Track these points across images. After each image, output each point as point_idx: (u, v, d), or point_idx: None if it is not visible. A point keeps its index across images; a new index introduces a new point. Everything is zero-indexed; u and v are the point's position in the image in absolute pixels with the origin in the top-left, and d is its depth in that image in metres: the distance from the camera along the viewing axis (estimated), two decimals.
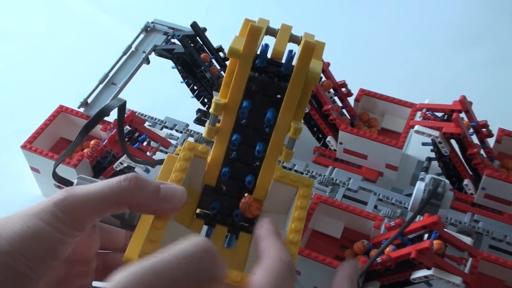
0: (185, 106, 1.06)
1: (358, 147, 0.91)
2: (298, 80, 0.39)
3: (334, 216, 0.81)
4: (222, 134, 0.41)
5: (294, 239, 0.37)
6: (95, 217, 0.35)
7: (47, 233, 0.33)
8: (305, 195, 0.40)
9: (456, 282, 0.66)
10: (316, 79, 0.39)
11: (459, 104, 0.83)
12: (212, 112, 0.40)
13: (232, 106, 0.40)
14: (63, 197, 0.34)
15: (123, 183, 0.35)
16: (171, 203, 0.36)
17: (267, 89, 0.40)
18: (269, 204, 0.42)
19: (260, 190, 0.42)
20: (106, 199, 0.34)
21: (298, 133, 0.40)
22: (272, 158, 0.41)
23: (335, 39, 1.27)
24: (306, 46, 0.38)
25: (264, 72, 0.40)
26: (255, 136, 0.41)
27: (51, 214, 0.33)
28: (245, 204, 0.41)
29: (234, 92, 0.40)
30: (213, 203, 0.42)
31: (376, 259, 0.70)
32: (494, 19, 1.29)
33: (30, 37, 1.30)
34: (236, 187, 0.42)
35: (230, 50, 0.39)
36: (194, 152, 0.41)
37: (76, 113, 0.95)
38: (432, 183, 0.71)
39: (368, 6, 1.36)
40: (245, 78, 0.40)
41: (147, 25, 1.05)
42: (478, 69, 1.19)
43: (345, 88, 0.95)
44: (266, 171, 0.41)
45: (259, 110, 0.41)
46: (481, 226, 0.83)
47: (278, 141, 0.40)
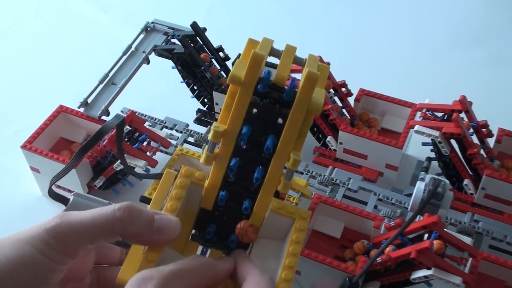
0: (185, 106, 1.06)
1: (358, 147, 0.91)
2: (299, 111, 0.38)
3: (334, 216, 0.81)
4: (220, 160, 0.40)
5: (287, 277, 0.37)
6: (87, 245, 0.35)
7: (38, 260, 0.33)
8: (301, 229, 0.40)
9: (456, 282, 0.66)
10: (318, 109, 0.38)
11: (459, 104, 0.83)
12: (210, 139, 0.39)
13: (231, 132, 0.40)
14: (56, 224, 0.33)
15: (117, 212, 0.34)
16: (165, 235, 0.36)
17: (268, 115, 0.39)
18: (265, 231, 0.41)
19: (257, 217, 0.41)
20: (99, 228, 0.34)
21: (297, 164, 0.39)
22: (270, 187, 0.40)
23: (335, 39, 1.27)
24: (309, 77, 0.37)
25: (265, 98, 0.39)
26: (254, 161, 0.40)
27: (43, 242, 0.33)
28: (241, 230, 0.41)
29: (234, 118, 0.39)
30: (209, 227, 0.41)
31: (376, 259, 0.70)
32: (494, 19, 1.29)
33: (30, 37, 1.30)
34: (233, 211, 0.41)
35: (231, 77, 0.38)
36: (191, 179, 0.40)
37: (76, 113, 0.95)
38: (432, 183, 0.71)
39: (368, 6, 1.36)
40: (245, 105, 0.39)
41: (147, 25, 1.05)
42: (478, 69, 1.19)
43: (345, 88, 0.95)
44: (264, 199, 0.41)
45: (259, 135, 0.40)
46: (481, 226, 0.83)
47: (277, 170, 0.40)
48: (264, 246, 0.41)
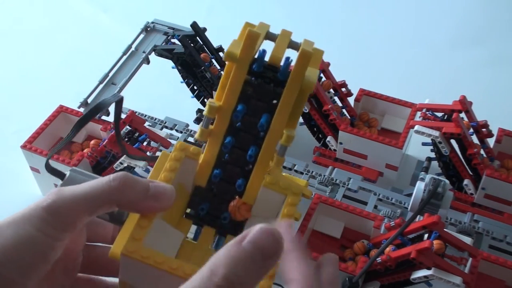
0: (185, 106, 1.06)
1: (358, 147, 0.91)
2: (293, 87, 0.39)
3: (334, 216, 0.81)
4: (215, 136, 0.41)
5: None
6: (85, 218, 0.35)
7: (38, 239, 0.33)
8: (293, 203, 0.40)
9: (456, 282, 0.66)
10: (311, 87, 0.39)
11: (459, 104, 0.83)
12: (205, 114, 0.40)
13: (226, 109, 0.40)
14: (52, 201, 0.33)
15: (113, 182, 0.34)
16: (160, 202, 0.36)
17: (262, 94, 0.40)
18: (258, 208, 0.42)
19: (250, 195, 0.41)
20: (95, 199, 0.34)
21: (290, 140, 0.40)
22: (263, 164, 0.41)
23: (335, 39, 1.27)
24: (303, 54, 0.38)
25: (260, 77, 0.40)
26: (249, 140, 0.41)
27: (41, 220, 0.33)
28: (234, 207, 0.41)
29: (229, 95, 0.40)
30: (202, 204, 0.42)
31: (376, 259, 0.70)
32: (494, 19, 1.29)
33: (30, 37, 1.30)
34: (226, 189, 0.42)
35: (227, 53, 0.39)
36: (185, 153, 0.41)
37: (76, 113, 0.95)
38: (432, 183, 0.71)
39: (368, 6, 1.36)
40: (240, 82, 0.40)
41: (147, 25, 1.05)
42: (478, 69, 1.19)
43: (345, 88, 0.95)
44: (257, 176, 0.41)
45: (253, 114, 0.41)
46: (481, 226, 0.83)
47: (270, 147, 0.40)
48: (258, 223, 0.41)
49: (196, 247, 0.41)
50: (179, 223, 0.41)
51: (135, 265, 0.35)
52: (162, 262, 0.34)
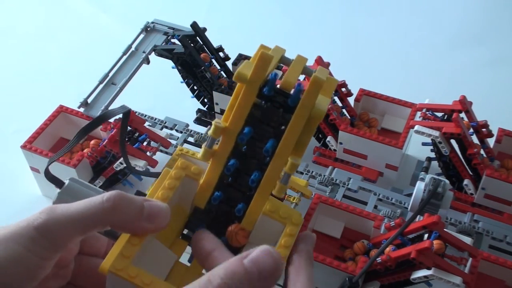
0: (185, 106, 1.06)
1: (358, 147, 0.91)
2: (301, 114, 0.38)
3: (334, 216, 0.81)
4: (218, 157, 0.40)
5: None
6: (77, 238, 0.34)
7: (27, 259, 0.32)
8: (291, 234, 0.39)
9: (456, 282, 0.66)
10: (321, 116, 0.38)
11: (459, 104, 0.83)
12: (210, 134, 0.39)
13: (232, 130, 0.39)
14: (44, 220, 0.33)
15: (106, 203, 0.34)
16: (155, 223, 0.35)
17: (271, 119, 0.39)
18: (255, 236, 0.41)
19: (249, 220, 0.40)
20: (88, 220, 0.33)
21: (294, 168, 0.39)
22: (265, 190, 0.40)
23: (335, 39, 1.27)
24: (314, 81, 0.37)
25: (270, 101, 0.39)
26: (253, 165, 0.40)
27: (31, 240, 0.33)
28: (232, 232, 0.40)
29: (236, 117, 0.39)
30: (199, 226, 0.40)
31: (376, 259, 0.70)
32: (494, 19, 1.29)
33: (30, 37, 1.30)
34: (225, 213, 0.41)
35: (237, 74, 0.38)
36: (186, 172, 0.40)
37: (76, 113, 0.95)
38: (432, 183, 0.71)
39: (368, 6, 1.36)
40: (249, 105, 0.39)
41: (147, 25, 1.05)
42: (478, 69, 1.19)
43: (345, 88, 0.95)
44: (257, 202, 0.40)
45: (260, 139, 0.40)
46: (481, 226, 0.83)
47: (274, 174, 0.39)
48: None
49: (189, 270, 0.39)
50: (174, 243, 0.40)
51: (121, 283, 0.34)
52: (149, 283, 0.33)
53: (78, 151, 0.89)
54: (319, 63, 0.91)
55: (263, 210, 0.40)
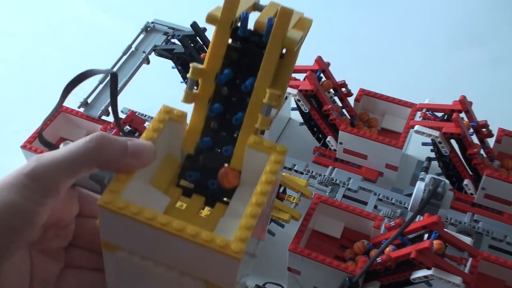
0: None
1: (358, 147, 0.91)
2: (273, 44, 0.38)
3: (334, 216, 0.81)
4: (200, 100, 0.40)
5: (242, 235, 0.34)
6: (67, 180, 0.35)
7: (21, 205, 0.34)
8: (277, 161, 0.38)
9: (456, 282, 0.66)
10: (293, 44, 0.38)
11: (459, 104, 0.83)
12: (189, 76, 0.40)
13: (209, 71, 0.40)
14: (33, 167, 0.34)
15: (89, 143, 0.35)
16: (140, 159, 0.36)
17: (248, 58, 0.40)
18: (246, 175, 0.41)
19: (237, 159, 0.40)
20: (74, 161, 0.35)
21: (273, 99, 0.38)
22: (248, 125, 0.40)
23: (335, 39, 1.27)
24: (282, 11, 0.38)
25: (246, 42, 0.40)
26: (236, 106, 0.40)
27: (23, 186, 0.34)
28: (222, 174, 0.40)
29: (211, 57, 0.40)
30: (191, 171, 0.41)
31: (376, 259, 0.70)
32: (494, 19, 1.29)
33: (30, 37, 1.30)
34: (214, 157, 0.41)
35: (208, 16, 0.39)
36: (169, 115, 0.40)
37: (76, 113, 0.95)
38: (432, 183, 0.71)
39: (368, 6, 1.36)
40: (223, 45, 0.39)
41: (147, 25, 1.05)
42: (478, 69, 1.19)
43: (345, 88, 0.95)
44: (243, 139, 0.40)
45: (240, 80, 0.40)
46: (481, 226, 0.83)
47: (254, 108, 0.39)
48: (246, 190, 0.40)
49: (182, 213, 0.40)
50: (167, 190, 0.41)
51: (113, 219, 0.34)
52: (137, 212, 0.33)
53: None
54: (319, 63, 0.91)
55: (247, 143, 0.40)
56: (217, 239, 0.33)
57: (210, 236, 0.33)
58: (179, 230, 0.33)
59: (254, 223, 0.35)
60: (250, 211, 0.35)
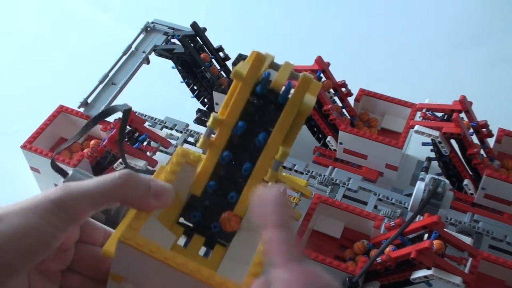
0: (185, 106, 1.06)
1: (358, 147, 0.91)
2: (291, 107, 0.42)
3: (334, 216, 0.81)
4: (214, 147, 0.43)
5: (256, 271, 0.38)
6: (90, 212, 0.37)
7: (44, 229, 0.35)
8: None
9: (456, 282, 0.66)
10: (308, 110, 0.42)
11: (459, 104, 0.83)
12: (208, 125, 0.43)
13: (228, 123, 0.43)
14: (60, 195, 0.36)
15: (118, 180, 0.37)
16: (160, 200, 0.39)
17: (263, 114, 0.43)
18: (248, 222, 0.43)
19: (241, 207, 0.43)
20: (101, 195, 0.37)
21: (285, 156, 0.42)
22: (257, 177, 0.43)
23: (335, 39, 1.27)
24: (304, 78, 0.42)
25: (263, 99, 0.43)
26: (245, 157, 0.44)
27: (48, 212, 0.36)
28: (225, 219, 0.43)
29: (232, 110, 0.43)
30: (195, 212, 0.43)
31: (376, 259, 0.70)
32: (494, 19, 1.29)
33: (30, 37, 1.30)
34: (219, 201, 0.44)
35: (234, 72, 0.42)
36: (186, 159, 0.43)
37: (76, 113, 0.95)
38: (432, 183, 0.71)
39: (368, 6, 1.36)
40: (244, 100, 0.43)
41: (147, 25, 1.05)
42: (478, 69, 1.19)
43: (345, 88, 0.95)
44: (250, 188, 0.43)
45: (252, 133, 0.43)
46: (481, 226, 0.83)
47: (265, 161, 0.43)
48: (246, 236, 0.43)
49: (185, 252, 0.42)
50: (171, 228, 0.43)
51: (130, 254, 0.36)
52: (156, 251, 0.36)
53: (78, 151, 0.89)
54: (319, 63, 0.91)
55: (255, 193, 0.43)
56: (228, 283, 0.36)
57: (222, 279, 0.36)
58: (194, 272, 0.36)
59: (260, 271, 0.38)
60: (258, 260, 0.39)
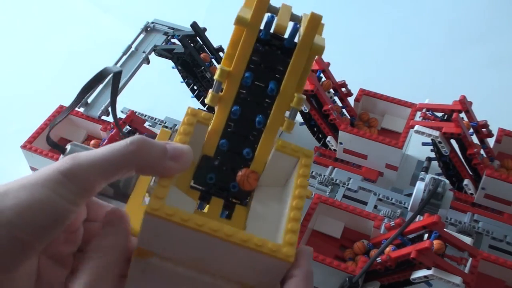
0: (185, 106, 1.05)
1: (358, 147, 0.91)
2: (303, 50, 0.39)
3: (334, 216, 0.81)
4: (224, 102, 0.40)
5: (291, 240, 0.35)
6: (102, 182, 0.34)
7: (54, 202, 0.32)
8: (306, 164, 0.39)
9: (456, 282, 0.66)
10: (321, 50, 0.39)
11: (459, 104, 0.83)
12: (216, 78, 0.40)
13: (236, 74, 0.40)
14: (69, 165, 0.33)
15: (130, 146, 0.34)
16: (179, 163, 0.35)
17: (269, 61, 0.40)
18: (266, 177, 0.41)
19: (259, 162, 0.41)
20: (113, 163, 0.33)
21: (301, 103, 0.40)
22: (273, 129, 0.40)
23: (335, 39, 1.26)
24: (313, 17, 0.39)
25: (267, 45, 0.40)
26: (255, 109, 0.41)
27: (58, 183, 0.32)
28: (243, 177, 0.40)
29: (239, 60, 0.40)
30: (210, 173, 0.40)
31: (376, 259, 0.70)
32: (494, 19, 1.29)
33: (30, 37, 1.30)
34: (233, 159, 0.41)
35: (238, 18, 0.39)
36: (197, 118, 0.40)
37: (76, 113, 0.95)
38: (432, 183, 0.71)
39: (368, 6, 1.36)
40: (251, 47, 0.40)
41: (147, 25, 1.05)
42: (478, 69, 1.19)
43: (345, 88, 0.95)
44: (266, 142, 0.40)
45: (260, 82, 0.40)
46: (481, 226, 0.83)
47: (281, 111, 0.40)
48: (266, 192, 0.41)
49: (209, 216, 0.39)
50: (187, 192, 0.40)
51: (158, 226, 0.33)
52: (188, 219, 0.32)
53: None
54: (319, 63, 0.91)
55: (276, 146, 0.40)
56: (268, 243, 0.33)
57: (261, 241, 0.33)
58: (230, 236, 0.33)
59: (298, 227, 0.36)
60: (293, 215, 0.36)
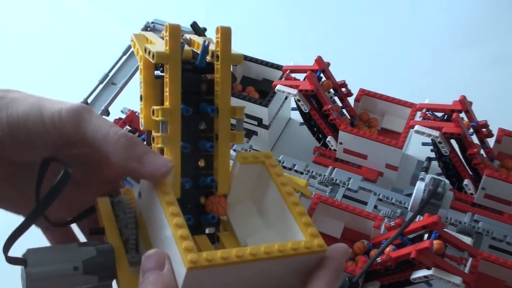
0: None
1: (358, 147, 0.91)
2: (225, 64, 0.39)
3: (334, 216, 0.81)
4: (172, 141, 0.39)
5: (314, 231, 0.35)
6: None
7: None
8: (273, 164, 0.39)
9: (456, 282, 0.66)
10: (240, 59, 0.40)
11: (459, 104, 0.83)
12: (161, 119, 0.38)
13: (175, 110, 0.38)
14: None
15: None
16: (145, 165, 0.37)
17: (192, 86, 0.40)
18: (233, 194, 0.41)
19: (224, 183, 0.40)
20: None
21: (241, 112, 0.40)
22: (225, 145, 0.40)
23: (335, 39, 1.27)
24: (223, 31, 0.39)
25: (183, 72, 0.39)
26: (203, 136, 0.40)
27: None
28: (214, 204, 0.40)
29: (173, 95, 0.38)
30: (186, 216, 0.39)
31: (376, 259, 0.70)
32: (494, 19, 1.29)
33: (30, 37, 1.30)
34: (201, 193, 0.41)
35: (157, 55, 0.38)
36: None
37: None
38: (432, 183, 0.71)
39: (368, 6, 1.36)
40: (179, 79, 0.38)
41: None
42: (478, 69, 1.19)
43: (345, 88, 0.95)
44: (223, 161, 0.40)
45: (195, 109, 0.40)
46: (481, 226, 0.83)
47: (225, 126, 0.40)
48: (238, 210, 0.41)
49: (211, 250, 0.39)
50: None
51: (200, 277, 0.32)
52: (227, 256, 0.32)
53: None
54: (319, 63, 0.91)
55: (239, 161, 0.40)
56: (301, 243, 0.34)
57: (294, 244, 0.33)
58: (269, 253, 0.33)
59: (310, 219, 0.36)
60: (299, 210, 0.36)
